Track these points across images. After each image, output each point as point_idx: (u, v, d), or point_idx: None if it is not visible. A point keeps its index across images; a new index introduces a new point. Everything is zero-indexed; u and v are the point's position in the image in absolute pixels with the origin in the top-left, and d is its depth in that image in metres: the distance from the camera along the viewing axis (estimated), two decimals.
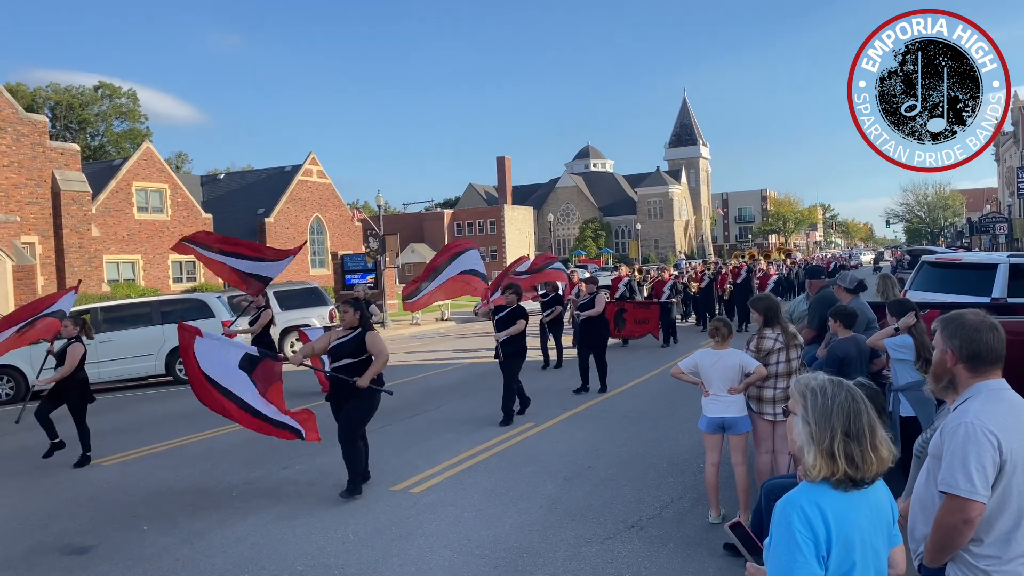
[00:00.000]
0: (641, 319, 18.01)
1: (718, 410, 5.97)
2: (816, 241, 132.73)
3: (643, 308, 18.41)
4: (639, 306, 18.53)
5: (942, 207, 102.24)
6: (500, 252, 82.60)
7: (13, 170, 28.49)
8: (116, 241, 36.26)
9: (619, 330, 17.72)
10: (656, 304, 18.61)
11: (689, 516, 6.41)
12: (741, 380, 5.91)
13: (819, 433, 2.30)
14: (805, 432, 2.34)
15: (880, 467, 2.31)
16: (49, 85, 71.98)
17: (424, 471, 8.14)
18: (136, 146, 49.35)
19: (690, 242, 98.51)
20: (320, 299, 21.03)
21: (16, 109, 29.08)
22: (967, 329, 2.85)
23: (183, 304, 17.58)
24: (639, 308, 18.39)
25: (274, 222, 46.57)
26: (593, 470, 7.92)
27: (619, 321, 17.71)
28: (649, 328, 18.00)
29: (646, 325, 17.99)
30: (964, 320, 2.89)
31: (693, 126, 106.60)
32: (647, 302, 19.24)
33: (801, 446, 2.35)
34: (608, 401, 11.74)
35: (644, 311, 18.25)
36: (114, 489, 8.22)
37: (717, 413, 5.98)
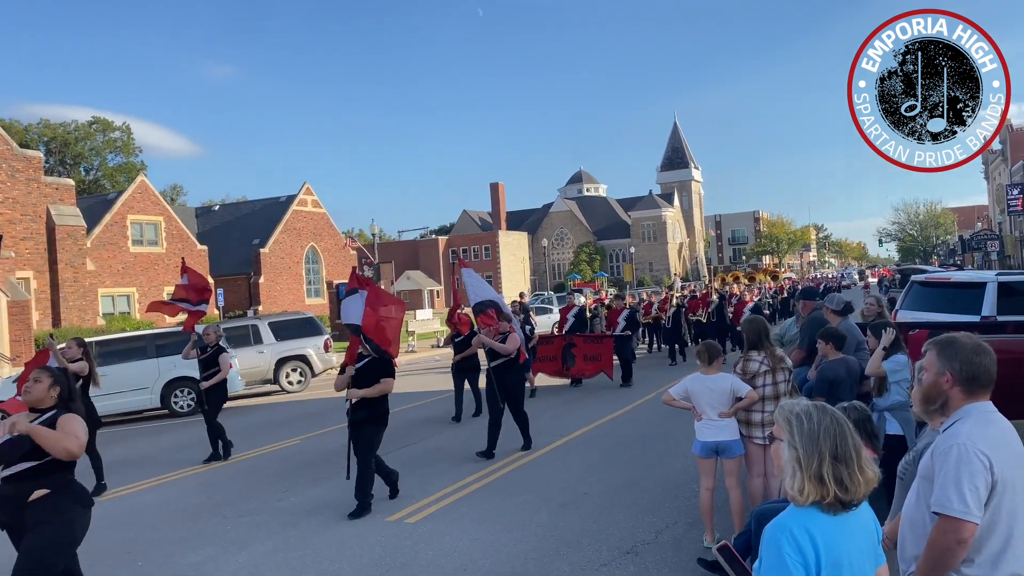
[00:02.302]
0: (592, 355, 15.83)
1: (711, 434, 6.00)
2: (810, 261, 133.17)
3: (595, 343, 16.16)
4: (590, 340, 16.32)
5: (933, 225, 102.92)
6: (495, 277, 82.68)
7: (8, 206, 28.58)
8: (111, 274, 36.27)
9: (567, 368, 15.86)
10: (610, 337, 16.24)
11: (684, 541, 6.42)
12: (732, 404, 5.95)
13: (807, 458, 2.34)
14: (792, 457, 2.38)
15: (867, 488, 2.35)
16: (41, 121, 72.18)
17: (419, 500, 8.14)
18: (131, 179, 49.49)
19: (684, 264, 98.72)
20: (315, 329, 21.01)
21: (11, 145, 29.23)
22: (966, 352, 2.88)
23: (179, 337, 17.56)
24: (590, 342, 16.19)
25: (269, 252, 46.64)
26: (588, 496, 7.92)
27: (567, 357, 15.88)
28: (602, 365, 15.72)
29: (598, 362, 15.76)
30: (961, 343, 2.92)
31: (684, 150, 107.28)
32: (599, 336, 16.87)
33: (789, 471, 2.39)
34: (602, 427, 11.75)
35: (596, 346, 16.02)
36: (109, 524, 8.17)
37: (710, 437, 6.01)
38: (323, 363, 20.57)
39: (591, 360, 15.78)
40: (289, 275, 48.06)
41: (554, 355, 16.02)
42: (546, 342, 16.39)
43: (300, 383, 20.06)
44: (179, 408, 16.52)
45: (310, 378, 20.32)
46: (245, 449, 11.92)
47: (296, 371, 20.18)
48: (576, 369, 15.85)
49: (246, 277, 46.11)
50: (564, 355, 15.88)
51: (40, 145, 66.82)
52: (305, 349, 20.21)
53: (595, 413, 12.81)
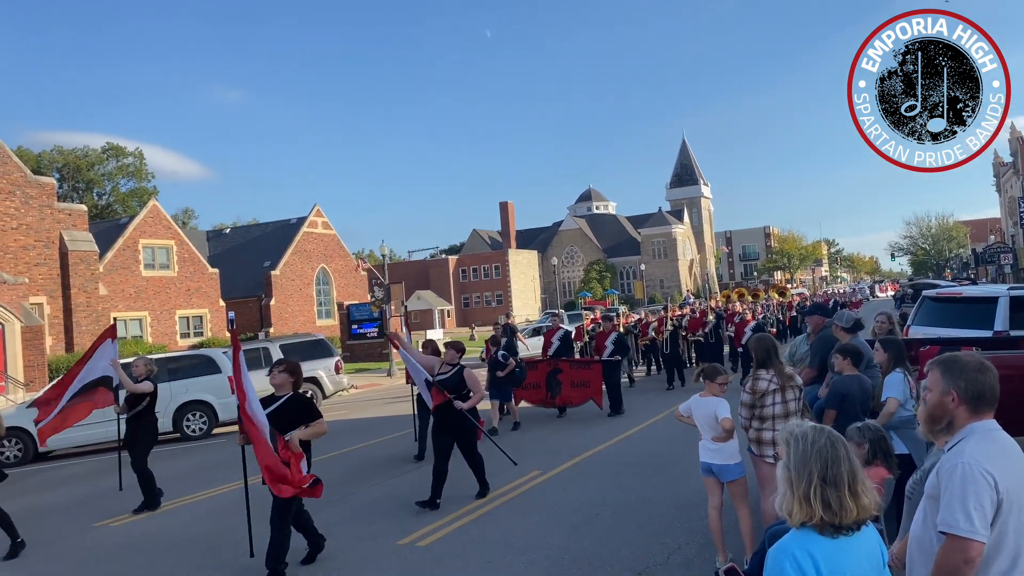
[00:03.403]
0: (580, 381, 14.67)
1: (706, 456, 6.11)
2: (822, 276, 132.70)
3: (582, 368, 15.04)
4: (577, 366, 15.22)
5: (946, 238, 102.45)
6: (505, 296, 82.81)
7: (22, 232, 28.88)
8: (123, 298, 36.52)
9: (553, 396, 14.73)
10: (598, 363, 15.03)
11: (696, 561, 6.38)
12: (719, 428, 5.99)
13: (796, 478, 2.37)
14: (783, 477, 2.41)
15: (861, 514, 2.36)
16: (55, 148, 73.27)
17: (430, 523, 8.12)
18: (143, 204, 50.03)
19: (695, 281, 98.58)
20: (326, 350, 21.09)
21: (24, 172, 29.57)
22: (970, 371, 2.89)
23: (190, 360, 17.66)
24: (577, 368, 15.06)
25: (280, 274, 46.89)
26: (600, 517, 7.89)
27: (552, 384, 14.72)
28: (590, 392, 14.56)
29: (586, 389, 14.61)
30: (965, 362, 2.93)
31: (693, 166, 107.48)
32: (586, 361, 15.92)
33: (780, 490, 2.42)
34: (614, 447, 11.70)
35: (583, 371, 14.87)
36: (123, 550, 8.20)
37: (706, 459, 6.12)
38: (334, 385, 20.63)
39: (578, 387, 14.64)
40: (300, 297, 48.28)
41: (538, 382, 14.81)
42: (530, 368, 14.99)
43: None
44: (191, 432, 16.57)
45: (321, 400, 20.36)
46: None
47: (307, 393, 20.23)
48: (562, 397, 14.71)
49: (257, 299, 46.35)
50: (549, 382, 14.74)
51: (53, 171, 67.64)
52: (316, 371, 20.27)
53: (603, 434, 12.75)
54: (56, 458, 16.31)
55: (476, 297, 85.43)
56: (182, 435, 16.55)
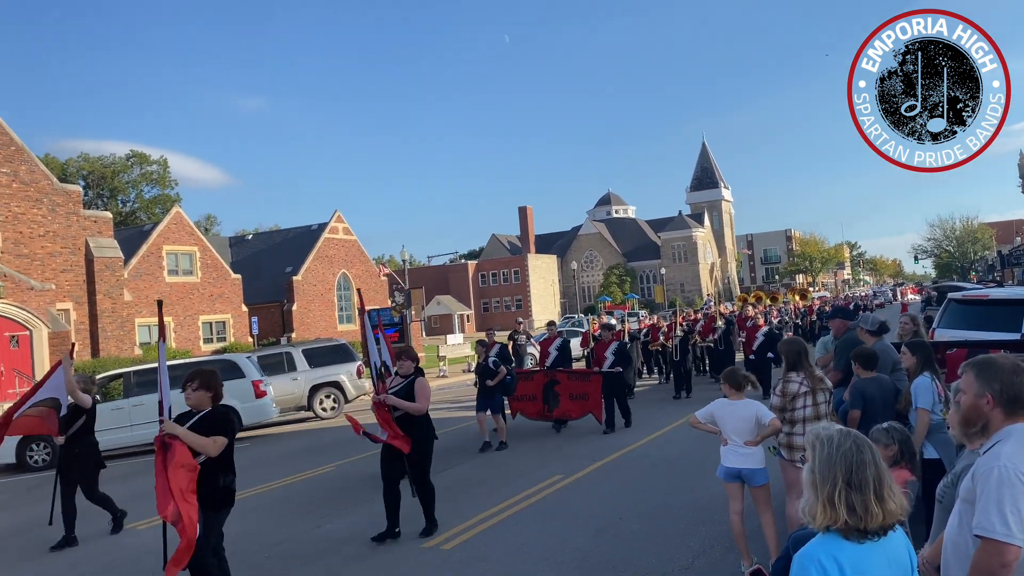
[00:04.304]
0: (579, 394, 13.70)
1: (735, 461, 5.96)
2: (844, 280, 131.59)
3: (581, 380, 13.96)
4: (575, 377, 14.13)
5: (971, 241, 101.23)
6: (525, 301, 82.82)
7: (48, 239, 29.28)
8: (148, 304, 36.88)
9: (550, 409, 13.82)
10: (598, 374, 13.84)
11: (721, 565, 6.36)
12: (757, 431, 5.89)
13: (821, 481, 2.36)
14: (808, 480, 2.40)
15: (887, 519, 2.34)
16: (81, 155, 74.29)
17: (454, 527, 8.14)
18: (166, 211, 50.52)
19: (716, 285, 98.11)
20: (348, 355, 21.22)
21: (51, 180, 30.00)
22: (1006, 373, 2.86)
23: (213, 366, 17.79)
24: (575, 379, 14.00)
25: (302, 280, 47.18)
26: (624, 521, 7.88)
27: (549, 397, 13.79)
28: (590, 406, 13.58)
29: (585, 402, 13.64)
30: (1000, 364, 2.91)
31: (713, 169, 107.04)
32: (586, 372, 14.57)
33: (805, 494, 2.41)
34: (637, 451, 11.68)
35: (582, 384, 13.82)
36: (149, 553, 8.28)
37: (734, 464, 5.97)
38: (356, 389, 20.76)
39: (577, 399, 13.70)
40: (321, 302, 48.54)
41: (534, 394, 13.96)
42: (525, 379, 14.24)
43: (334, 409, 20.27)
44: None
45: (343, 404, 20.50)
46: (279, 477, 12.02)
47: (329, 397, 20.40)
48: (560, 410, 13.78)
49: (279, 305, 46.65)
50: (546, 394, 13.83)
51: (79, 179, 68.56)
52: (338, 375, 20.44)
53: (625, 439, 12.72)
54: None
55: (496, 302, 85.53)
56: None
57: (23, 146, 28.99)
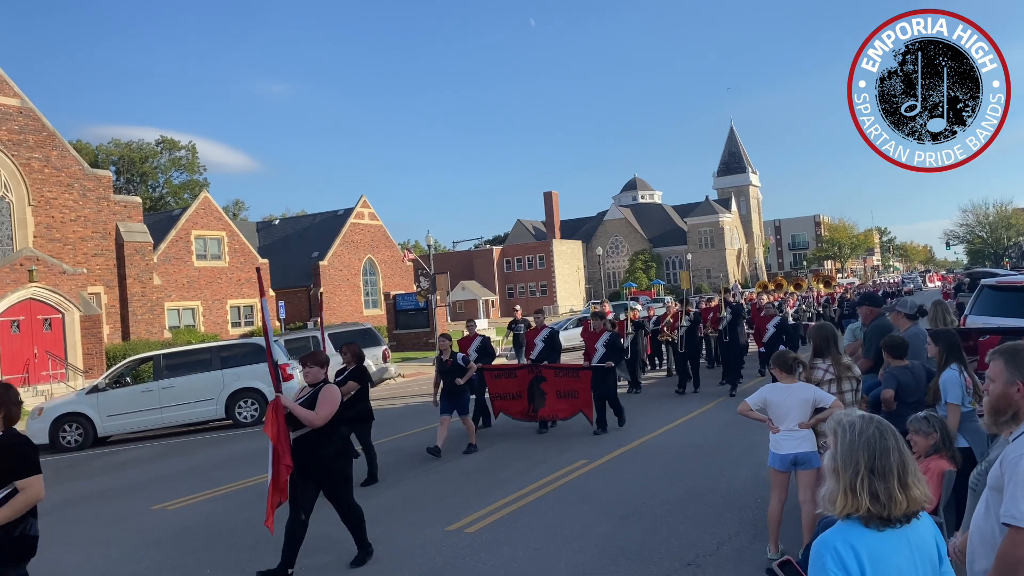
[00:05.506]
0: (567, 391, 12.40)
1: (791, 447, 5.77)
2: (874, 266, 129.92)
3: (569, 376, 12.57)
4: (563, 373, 12.69)
5: (1004, 226, 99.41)
6: (550, 287, 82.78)
7: (80, 224, 29.70)
8: (176, 288, 37.34)
9: (535, 409, 12.53)
10: (587, 370, 12.49)
11: (747, 552, 6.32)
12: (811, 415, 5.75)
13: (843, 468, 2.32)
14: (831, 467, 2.36)
15: (912, 506, 2.29)
16: (112, 141, 75.18)
17: (478, 510, 8.17)
18: (194, 196, 51.05)
19: (743, 271, 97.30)
20: (374, 339, 21.39)
21: (82, 166, 30.38)
22: None
23: (242, 349, 17.98)
24: (563, 376, 12.60)
25: (328, 264, 47.50)
26: (648, 507, 7.86)
27: (535, 395, 12.52)
28: (579, 404, 12.29)
29: (574, 400, 12.34)
30: None
31: (741, 154, 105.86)
32: (574, 367, 13.04)
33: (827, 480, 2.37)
34: (661, 437, 11.64)
35: (570, 380, 12.46)
36: (179, 533, 8.42)
37: (790, 450, 5.78)
38: (381, 373, 20.89)
39: (565, 397, 12.41)
40: (347, 287, 48.86)
41: (519, 391, 12.70)
42: (508, 375, 13.07)
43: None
44: (243, 419, 16.91)
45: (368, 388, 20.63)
46: None
47: None
48: (546, 410, 12.50)
49: (306, 289, 47.02)
50: (531, 391, 12.56)
51: (110, 164, 69.37)
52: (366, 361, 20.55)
53: (649, 424, 12.68)
54: (115, 443, 16.79)
55: (520, 287, 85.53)
56: (234, 422, 16.90)
57: (55, 132, 29.35)
